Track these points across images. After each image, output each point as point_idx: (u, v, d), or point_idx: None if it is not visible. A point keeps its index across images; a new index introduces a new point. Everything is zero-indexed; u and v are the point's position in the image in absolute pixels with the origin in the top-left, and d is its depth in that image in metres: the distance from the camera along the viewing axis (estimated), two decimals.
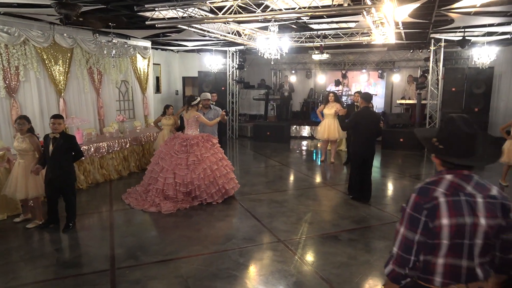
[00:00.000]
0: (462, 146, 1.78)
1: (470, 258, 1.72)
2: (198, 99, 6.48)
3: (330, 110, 8.90)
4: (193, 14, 6.15)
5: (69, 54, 8.54)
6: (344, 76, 14.63)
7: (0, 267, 4.08)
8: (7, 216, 5.48)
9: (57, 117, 4.97)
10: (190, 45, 12.26)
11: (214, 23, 7.11)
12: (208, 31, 7.72)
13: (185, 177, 6.00)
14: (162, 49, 13.78)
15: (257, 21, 7.23)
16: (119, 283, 3.75)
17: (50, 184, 4.98)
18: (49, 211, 5.14)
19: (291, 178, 8.31)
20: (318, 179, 8.04)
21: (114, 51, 8.32)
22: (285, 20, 7.37)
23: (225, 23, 7.35)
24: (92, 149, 7.20)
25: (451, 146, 1.80)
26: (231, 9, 5.68)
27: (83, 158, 6.79)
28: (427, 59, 11.04)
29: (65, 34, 8.32)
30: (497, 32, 8.85)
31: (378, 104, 14.55)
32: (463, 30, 8.55)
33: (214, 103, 9.15)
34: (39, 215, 5.24)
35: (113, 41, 8.16)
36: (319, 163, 9.42)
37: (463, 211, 1.70)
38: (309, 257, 4.38)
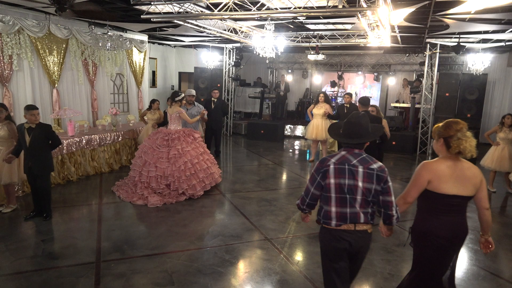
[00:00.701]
0: (349, 131, 2.70)
1: (352, 207, 2.60)
2: (182, 95, 6.64)
3: (319, 110, 8.94)
4: (189, 10, 6.14)
5: (64, 45, 8.50)
6: (340, 77, 14.68)
7: None
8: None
9: (34, 108, 4.97)
10: (187, 40, 12.24)
11: (210, 19, 7.11)
12: (204, 27, 7.71)
13: (166, 169, 6.15)
14: (159, 44, 13.74)
15: (253, 19, 7.23)
16: (104, 276, 3.76)
17: (30, 174, 5.03)
18: (34, 200, 5.18)
19: (283, 177, 8.34)
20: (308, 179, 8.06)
21: (109, 44, 8.28)
22: (281, 19, 7.39)
23: (221, 20, 7.35)
24: (84, 141, 7.18)
25: (344, 132, 2.73)
26: (227, 6, 5.68)
27: (73, 147, 6.81)
28: (422, 64, 11.10)
29: (60, 25, 8.27)
30: (491, 39, 8.93)
31: None
32: (458, 36, 8.62)
33: (216, 99, 9.17)
34: (13, 200, 5.41)
35: (109, 33, 8.12)
36: (309, 164, 9.45)
37: (345, 175, 2.59)
38: (295, 256, 4.41)
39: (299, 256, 4.41)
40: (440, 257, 2.75)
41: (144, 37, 11.20)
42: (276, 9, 5.62)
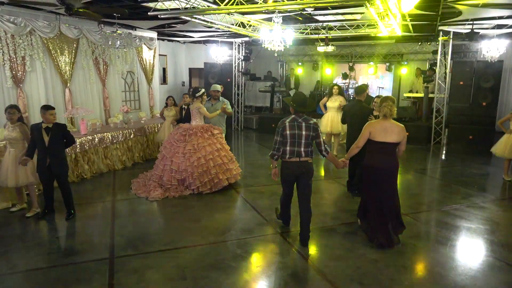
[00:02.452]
0: (299, 102, 4.31)
1: (299, 147, 4.27)
2: (202, 91, 6.61)
3: (333, 103, 8.84)
4: (196, 5, 6.13)
5: (74, 45, 8.59)
6: (351, 69, 14.49)
7: (2, 254, 4.18)
8: (12, 204, 5.59)
9: (51, 108, 5.06)
10: (196, 36, 12.24)
11: (217, 14, 7.08)
12: (212, 22, 7.69)
13: (180, 164, 6.24)
14: (169, 40, 13.78)
15: (261, 12, 7.18)
16: (118, 272, 3.82)
17: (44, 173, 5.08)
18: (46, 200, 5.25)
19: None
20: (320, 172, 8.02)
21: (119, 42, 8.33)
22: (289, 12, 7.31)
23: (228, 14, 7.32)
24: (97, 139, 7.27)
25: (296, 102, 4.30)
26: (233, 0, 5.65)
27: (86, 145, 6.91)
28: (435, 52, 10.87)
29: (70, 25, 8.36)
30: (506, 24, 8.67)
31: None
32: (471, 22, 8.40)
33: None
34: (35, 203, 5.33)
35: (118, 31, 8.17)
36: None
37: (295, 128, 4.24)
38: (307, 249, 4.39)
39: (311, 250, 4.39)
40: (376, 182, 4.35)
41: (154, 34, 11.25)
42: (283, 1, 5.56)
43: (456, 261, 4.16)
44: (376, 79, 14.77)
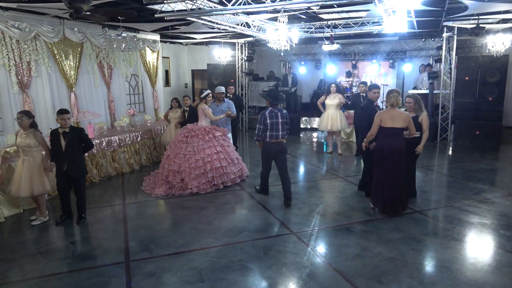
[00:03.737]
0: (274, 97, 5.73)
1: (277, 131, 5.65)
2: (206, 92, 6.71)
3: (332, 100, 8.81)
4: (202, 6, 6.11)
5: (79, 49, 8.59)
6: (355, 67, 14.46)
7: (17, 260, 4.15)
8: (23, 210, 5.57)
9: (66, 112, 5.00)
10: (198, 37, 12.22)
11: (223, 14, 7.06)
12: (217, 23, 7.67)
13: (181, 165, 6.37)
14: (171, 42, 13.78)
15: (266, 11, 7.15)
16: (134, 275, 3.79)
17: (62, 178, 5.02)
18: (63, 204, 5.19)
19: (302, 170, 8.28)
20: (328, 170, 7.99)
21: (123, 45, 8.32)
22: (294, 10, 7.28)
23: (234, 15, 7.29)
24: (104, 143, 7.25)
25: (271, 97, 5.71)
26: (240, 0, 5.62)
27: (94, 149, 6.87)
28: (440, 48, 10.83)
29: (75, 29, 8.35)
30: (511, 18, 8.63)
31: None
32: (477, 17, 8.35)
33: (231, 95, 9.17)
34: (43, 212, 5.19)
35: (122, 35, 8.15)
36: (327, 155, 9.33)
37: (273, 117, 5.61)
38: (322, 249, 4.36)
39: (326, 249, 4.36)
40: (386, 160, 5.07)
41: (157, 37, 11.24)
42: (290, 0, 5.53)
43: (473, 257, 4.12)
44: (379, 76, 14.73)
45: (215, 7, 6.16)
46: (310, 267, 3.91)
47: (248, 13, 7.48)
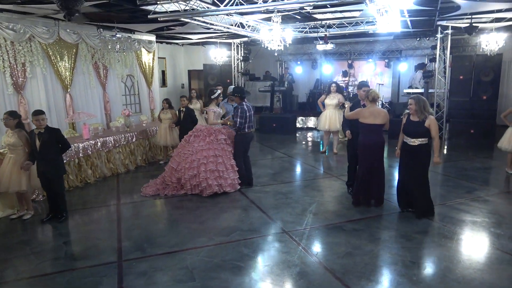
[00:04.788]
0: (242, 92, 6.59)
1: (250, 122, 6.48)
2: (217, 92, 6.72)
3: (331, 100, 8.85)
4: (195, 7, 6.14)
5: (74, 50, 8.60)
6: (351, 66, 14.50)
7: (9, 261, 4.18)
8: (17, 211, 5.59)
9: (39, 113, 5.06)
10: (194, 38, 12.25)
11: (217, 15, 7.09)
12: (211, 24, 7.69)
13: (179, 164, 6.37)
14: (167, 43, 13.79)
15: (260, 12, 7.18)
16: (126, 275, 3.82)
17: (42, 177, 5.13)
18: (49, 203, 5.29)
19: (297, 169, 8.31)
20: (323, 170, 8.03)
21: (118, 46, 8.34)
22: (288, 11, 7.32)
23: (227, 15, 7.32)
24: (99, 143, 7.28)
25: (240, 93, 6.51)
26: (232, 1, 5.65)
27: (89, 150, 6.91)
28: (434, 47, 10.88)
29: (70, 30, 8.37)
30: (505, 18, 8.68)
31: (385, 93, 14.42)
32: (470, 16, 8.40)
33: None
34: (30, 207, 5.44)
35: (117, 35, 8.17)
36: (326, 153, 9.37)
37: (248, 111, 6.44)
38: (314, 247, 4.40)
39: (317, 248, 4.40)
40: (366, 154, 5.36)
41: (152, 37, 11.26)
42: (283, 0, 5.57)
43: (463, 255, 4.16)
44: (375, 76, 14.77)
45: (208, 7, 6.20)
46: (300, 266, 3.94)
47: (241, 14, 7.51)
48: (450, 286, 3.53)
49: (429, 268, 3.92)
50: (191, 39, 12.55)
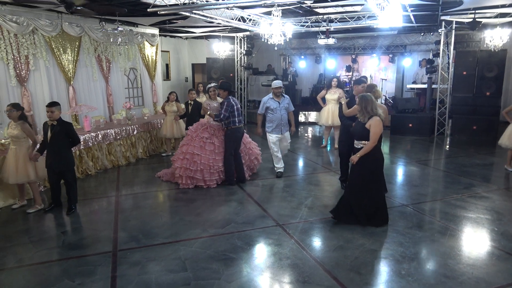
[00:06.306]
0: (230, 87, 6.46)
1: (239, 116, 6.35)
2: (210, 85, 6.93)
3: (332, 95, 8.83)
4: (195, 0, 6.15)
5: (77, 43, 8.67)
6: (354, 61, 14.43)
7: (9, 248, 4.29)
8: (18, 200, 5.71)
9: (50, 105, 5.14)
10: (198, 31, 12.26)
11: (216, 9, 7.10)
12: (212, 17, 7.71)
13: (179, 154, 6.47)
14: (171, 36, 13.82)
15: (260, 6, 7.18)
16: (120, 264, 3.90)
17: (50, 169, 5.20)
18: (52, 194, 5.39)
19: (296, 163, 8.34)
20: (322, 164, 8.05)
21: (120, 39, 8.38)
22: (288, 5, 7.30)
23: (228, 9, 7.33)
24: (100, 136, 7.37)
25: (227, 88, 6.34)
26: None
27: (89, 142, 6.99)
28: (438, 42, 10.78)
29: (72, 23, 8.43)
30: (509, 13, 8.58)
31: (388, 89, 14.36)
32: (473, 12, 8.32)
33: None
34: (38, 200, 5.42)
35: (119, 29, 8.22)
36: (327, 148, 9.39)
37: (234, 105, 6.29)
38: (306, 240, 4.44)
39: (310, 241, 4.44)
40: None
41: (155, 31, 11.29)
42: None
43: (455, 250, 4.18)
44: (379, 71, 14.70)
45: (207, 1, 6.21)
46: (292, 258, 3.99)
47: (242, 7, 7.51)
48: (439, 281, 3.56)
49: (418, 263, 3.95)
50: (194, 32, 12.56)
